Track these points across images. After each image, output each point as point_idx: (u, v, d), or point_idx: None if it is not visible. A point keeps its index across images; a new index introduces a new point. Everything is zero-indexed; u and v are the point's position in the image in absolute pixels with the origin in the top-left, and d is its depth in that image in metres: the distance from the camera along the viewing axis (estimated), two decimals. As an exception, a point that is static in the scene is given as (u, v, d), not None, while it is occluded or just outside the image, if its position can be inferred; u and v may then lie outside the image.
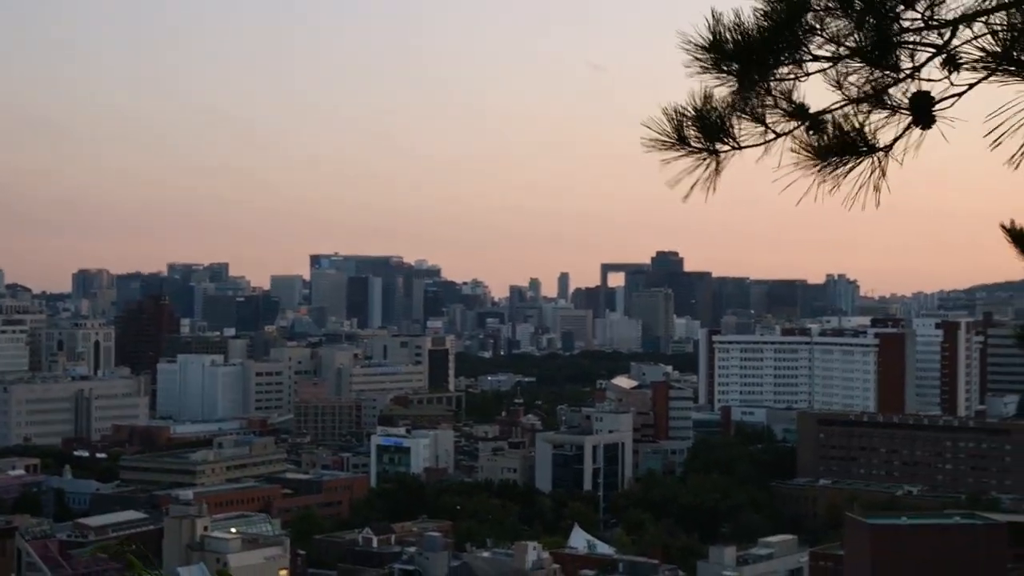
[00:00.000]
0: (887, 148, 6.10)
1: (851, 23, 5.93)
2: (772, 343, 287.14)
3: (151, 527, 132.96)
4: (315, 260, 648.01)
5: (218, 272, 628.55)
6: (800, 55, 6.03)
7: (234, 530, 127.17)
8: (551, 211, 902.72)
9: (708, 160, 6.15)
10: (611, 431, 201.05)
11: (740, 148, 6.21)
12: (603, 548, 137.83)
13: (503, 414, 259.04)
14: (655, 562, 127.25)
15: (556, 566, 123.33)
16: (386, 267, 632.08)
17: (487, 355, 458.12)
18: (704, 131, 6.08)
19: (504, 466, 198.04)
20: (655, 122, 6.03)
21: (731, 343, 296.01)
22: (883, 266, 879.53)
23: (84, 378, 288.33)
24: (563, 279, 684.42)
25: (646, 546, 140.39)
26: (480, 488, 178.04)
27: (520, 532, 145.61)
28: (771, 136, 6.21)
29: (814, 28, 5.96)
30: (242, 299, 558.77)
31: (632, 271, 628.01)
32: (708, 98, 6.04)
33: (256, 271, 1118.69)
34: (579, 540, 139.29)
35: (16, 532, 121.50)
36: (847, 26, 5.95)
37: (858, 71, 6.08)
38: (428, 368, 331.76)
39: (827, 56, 6.05)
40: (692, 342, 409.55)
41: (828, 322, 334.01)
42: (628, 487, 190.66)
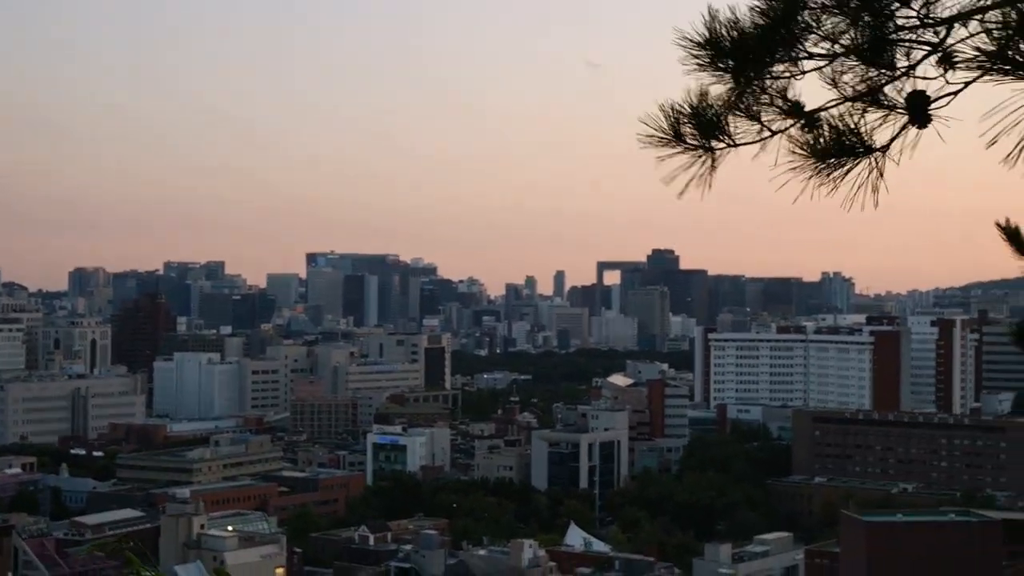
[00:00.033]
0: (884, 148, 6.10)
1: (846, 20, 5.95)
2: (768, 341, 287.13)
3: (147, 525, 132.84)
4: (311, 258, 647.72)
5: (214, 270, 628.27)
6: (796, 53, 6.04)
7: (230, 528, 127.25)
8: (547, 209, 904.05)
9: (704, 157, 6.15)
10: (607, 429, 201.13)
11: (736, 145, 6.22)
12: (599, 546, 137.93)
13: (499, 412, 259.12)
14: (651, 560, 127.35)
15: (552, 564, 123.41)
16: (382, 265, 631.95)
17: (483, 353, 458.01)
18: (700, 128, 6.09)
19: (500, 464, 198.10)
20: (651, 119, 6.07)
21: (727, 341, 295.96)
22: (878, 264, 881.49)
23: (80, 376, 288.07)
24: (559, 277, 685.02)
25: (642, 544, 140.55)
26: (476, 486, 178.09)
27: (516, 530, 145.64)
28: (766, 134, 6.20)
29: (810, 26, 5.98)
30: (238, 297, 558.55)
31: (628, 269, 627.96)
32: (704, 95, 6.07)
33: (252, 269, 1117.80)
34: (575, 538, 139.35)
35: (13, 531, 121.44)
36: (843, 23, 5.98)
37: (853, 69, 6.07)
38: (424, 366, 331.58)
39: (823, 54, 6.06)
40: (688, 340, 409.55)
41: (823, 320, 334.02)
42: (624, 485, 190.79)
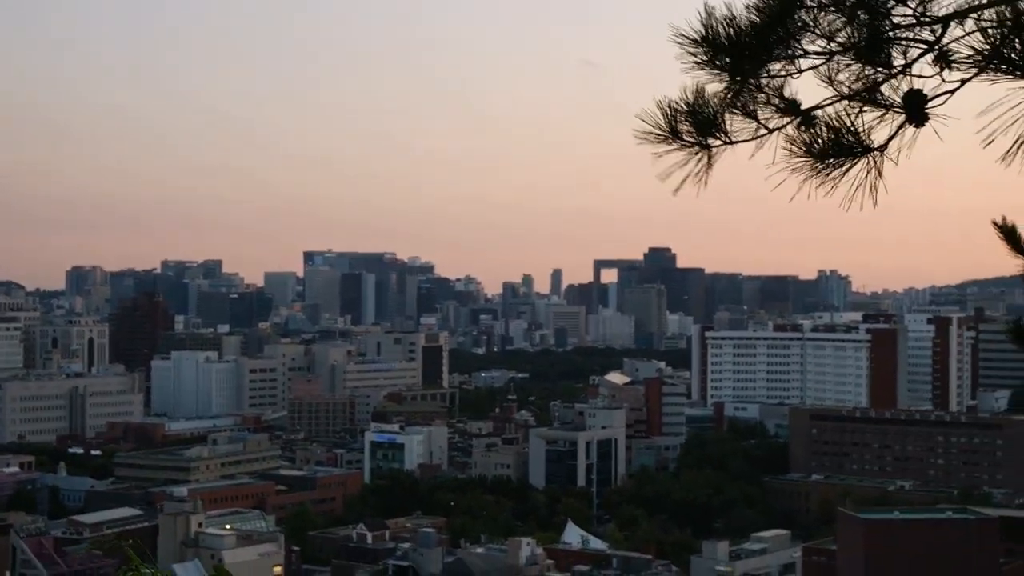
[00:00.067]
0: (882, 148, 6.11)
1: (843, 18, 6.01)
2: (764, 339, 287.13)
3: (146, 524, 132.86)
4: (308, 257, 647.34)
5: (212, 269, 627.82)
6: (792, 51, 6.09)
7: (228, 527, 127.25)
8: (544, 208, 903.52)
9: (700, 154, 6.18)
10: (604, 427, 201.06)
11: (732, 143, 6.25)
12: (597, 544, 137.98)
13: (496, 410, 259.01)
14: (648, 558, 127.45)
15: (550, 562, 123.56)
16: (379, 264, 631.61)
17: (480, 351, 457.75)
18: (696, 125, 6.13)
19: (498, 462, 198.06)
20: (649, 115, 6.14)
21: (724, 339, 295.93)
22: (875, 262, 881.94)
23: (78, 375, 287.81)
24: (556, 275, 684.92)
25: (639, 542, 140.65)
26: (474, 484, 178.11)
27: (514, 528, 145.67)
28: (763, 132, 6.20)
29: (807, 24, 6.04)
30: (236, 296, 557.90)
31: (625, 267, 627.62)
32: (701, 92, 6.12)
33: (250, 268, 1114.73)
34: (573, 536, 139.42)
35: (11, 529, 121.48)
36: (839, 21, 6.04)
37: (850, 67, 6.09)
38: (422, 365, 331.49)
39: (820, 52, 6.08)
40: (685, 338, 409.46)
41: (820, 318, 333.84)
42: (621, 483, 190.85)
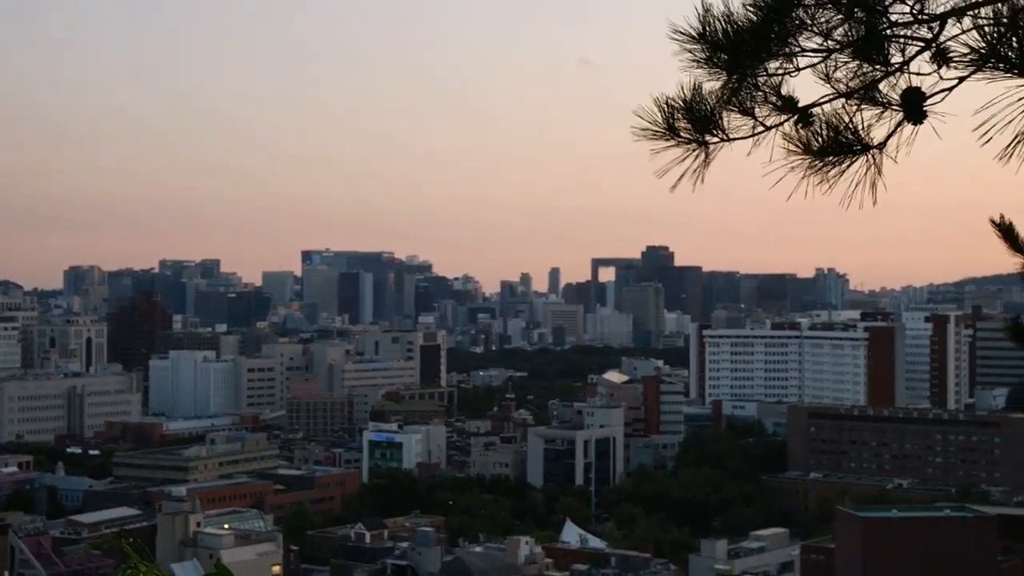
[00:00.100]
0: (881, 145, 6.11)
1: (840, 16, 6.03)
2: (762, 337, 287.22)
3: (144, 523, 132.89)
4: (306, 256, 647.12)
5: (210, 268, 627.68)
6: (790, 48, 6.12)
7: (227, 526, 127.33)
8: (542, 206, 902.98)
9: (697, 151, 6.20)
10: (602, 426, 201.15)
11: (729, 140, 6.28)
12: (595, 542, 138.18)
13: (495, 409, 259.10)
14: (647, 556, 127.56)
15: (548, 560, 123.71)
16: (377, 263, 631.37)
17: (478, 350, 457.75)
18: (694, 122, 6.17)
19: (496, 461, 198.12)
20: (646, 112, 6.18)
21: (721, 337, 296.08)
22: (872, 260, 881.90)
23: (76, 375, 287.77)
24: (554, 274, 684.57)
25: (638, 540, 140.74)
26: (472, 483, 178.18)
27: (512, 527, 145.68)
28: (760, 129, 6.20)
29: (804, 22, 6.07)
30: (234, 295, 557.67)
31: (623, 266, 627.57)
32: (698, 89, 6.16)
33: (248, 267, 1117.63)
34: (571, 534, 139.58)
35: (9, 529, 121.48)
36: (836, 18, 6.08)
37: (847, 64, 6.08)
38: (420, 364, 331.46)
39: (817, 49, 6.09)
40: (683, 336, 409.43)
41: (818, 316, 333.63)
42: (619, 481, 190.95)
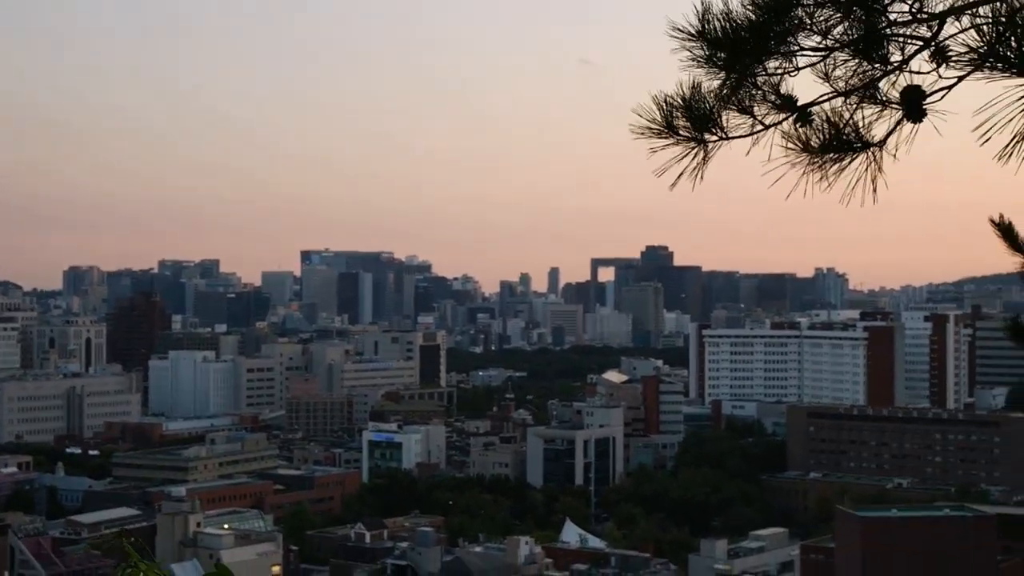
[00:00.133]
0: (881, 143, 6.13)
1: (839, 14, 6.04)
2: (762, 337, 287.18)
3: (144, 524, 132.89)
4: (305, 256, 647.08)
5: (209, 268, 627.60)
6: (789, 47, 6.10)
7: (226, 526, 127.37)
8: (542, 206, 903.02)
9: (696, 150, 6.21)
10: (602, 426, 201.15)
11: (728, 139, 6.28)
12: (595, 542, 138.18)
13: (494, 409, 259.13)
14: (646, 556, 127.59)
15: (548, 560, 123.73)
16: (376, 263, 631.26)
17: (478, 350, 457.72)
18: (693, 121, 6.17)
19: (495, 461, 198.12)
20: (645, 110, 6.19)
21: (721, 337, 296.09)
22: (872, 260, 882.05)
23: (76, 375, 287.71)
24: (553, 274, 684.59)
25: (637, 540, 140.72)
26: (472, 483, 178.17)
27: (512, 527, 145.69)
28: (759, 128, 6.22)
29: (803, 21, 6.09)
30: (233, 295, 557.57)
31: (622, 265, 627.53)
32: (697, 88, 6.17)
33: (247, 267, 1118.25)
34: (571, 534, 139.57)
35: (9, 530, 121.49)
36: (835, 17, 6.07)
37: (847, 63, 6.09)
38: (419, 364, 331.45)
39: (817, 48, 6.09)
40: (682, 336, 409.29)
41: (817, 316, 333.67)
42: (619, 481, 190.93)
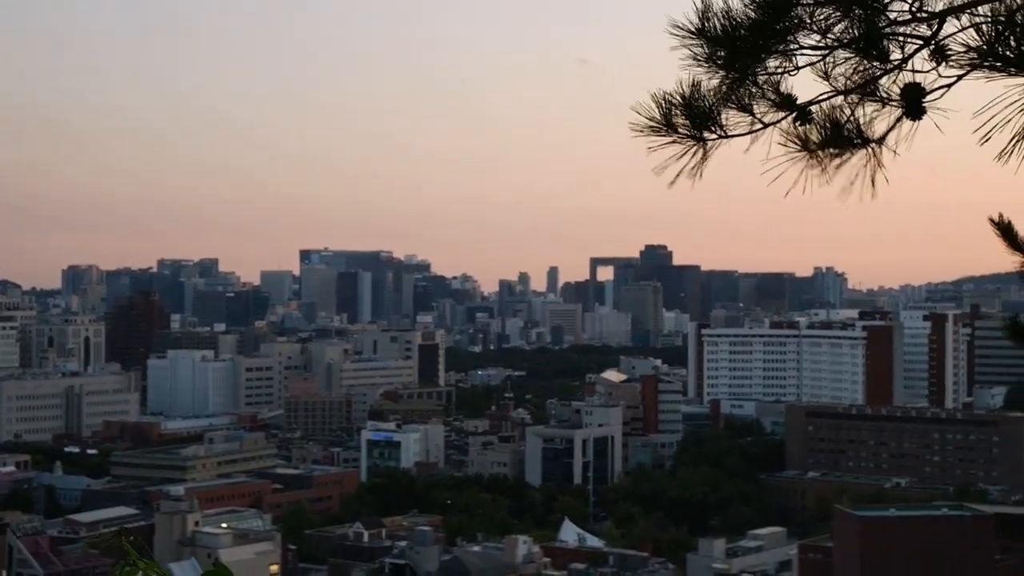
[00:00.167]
0: (881, 139, 6.13)
1: (839, 13, 5.99)
2: (761, 336, 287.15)
3: (142, 523, 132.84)
4: (304, 255, 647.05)
5: (208, 268, 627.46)
6: (789, 46, 6.08)
7: (225, 525, 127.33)
8: (541, 206, 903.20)
9: (695, 148, 6.19)
10: (601, 425, 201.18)
11: (727, 137, 6.25)
12: (593, 541, 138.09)
13: (493, 408, 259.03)
14: (645, 555, 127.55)
15: (546, 560, 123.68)
16: (375, 262, 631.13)
17: (477, 349, 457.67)
18: (692, 119, 6.15)
19: (494, 460, 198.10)
20: (644, 108, 6.15)
21: (720, 336, 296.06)
22: (871, 259, 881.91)
23: (74, 374, 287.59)
24: (552, 273, 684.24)
25: (636, 539, 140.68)
26: (470, 482, 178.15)
27: (510, 526, 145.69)
28: (758, 126, 6.22)
29: (803, 20, 6.02)
30: (232, 294, 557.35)
31: (621, 265, 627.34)
32: (697, 86, 6.13)
33: (246, 267, 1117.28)
34: (569, 534, 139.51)
35: (7, 529, 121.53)
36: (835, 16, 6.02)
37: (847, 62, 6.09)
38: (418, 363, 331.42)
39: (817, 46, 6.07)
40: (681, 336, 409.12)
41: (816, 315, 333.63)
42: (618, 480, 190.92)
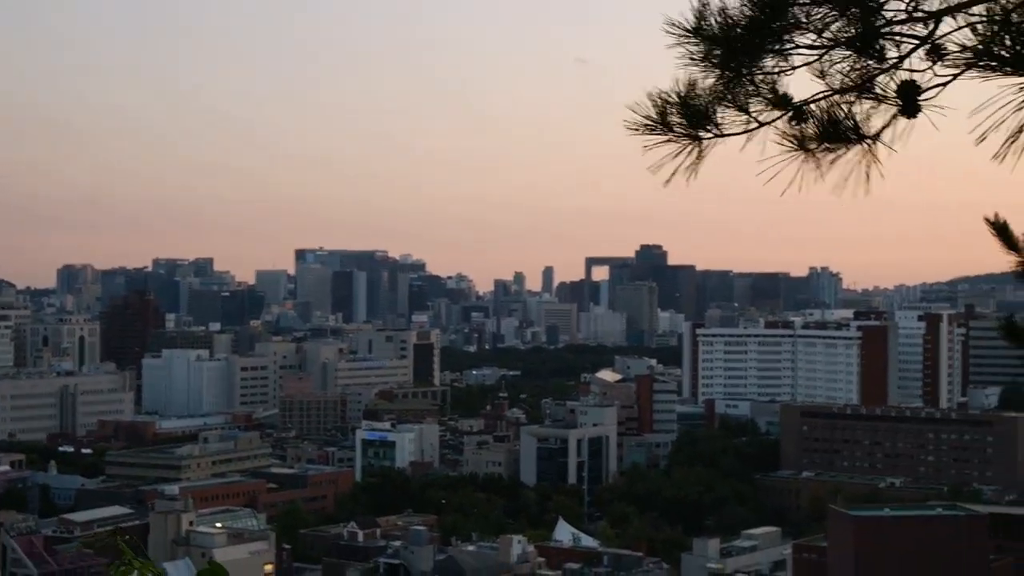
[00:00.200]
0: (875, 136, 6.13)
1: (835, 12, 5.99)
2: (755, 336, 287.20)
3: (136, 522, 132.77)
4: (300, 255, 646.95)
5: (203, 267, 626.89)
6: (785, 45, 6.09)
7: (219, 525, 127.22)
8: (535, 205, 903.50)
9: (690, 147, 6.19)
10: (595, 424, 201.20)
11: (723, 136, 6.24)
12: (588, 541, 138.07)
13: (488, 408, 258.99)
14: (639, 555, 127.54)
15: (541, 559, 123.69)
16: (371, 261, 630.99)
17: (472, 349, 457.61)
18: (688, 117, 6.15)
19: (489, 460, 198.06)
20: (640, 106, 6.14)
21: (715, 336, 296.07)
22: (866, 259, 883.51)
23: (69, 373, 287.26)
24: (547, 273, 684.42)
25: (630, 539, 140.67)
26: (465, 482, 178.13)
27: (505, 525, 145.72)
28: (754, 125, 6.22)
29: (799, 20, 6.02)
30: (227, 294, 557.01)
31: (616, 265, 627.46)
32: (693, 85, 6.13)
33: (241, 266, 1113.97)
34: (564, 533, 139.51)
35: (1, 528, 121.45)
36: (831, 15, 6.01)
37: (844, 61, 6.09)
38: (413, 362, 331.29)
39: (813, 45, 6.07)
40: (676, 335, 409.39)
41: (811, 315, 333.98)
42: (612, 480, 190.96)
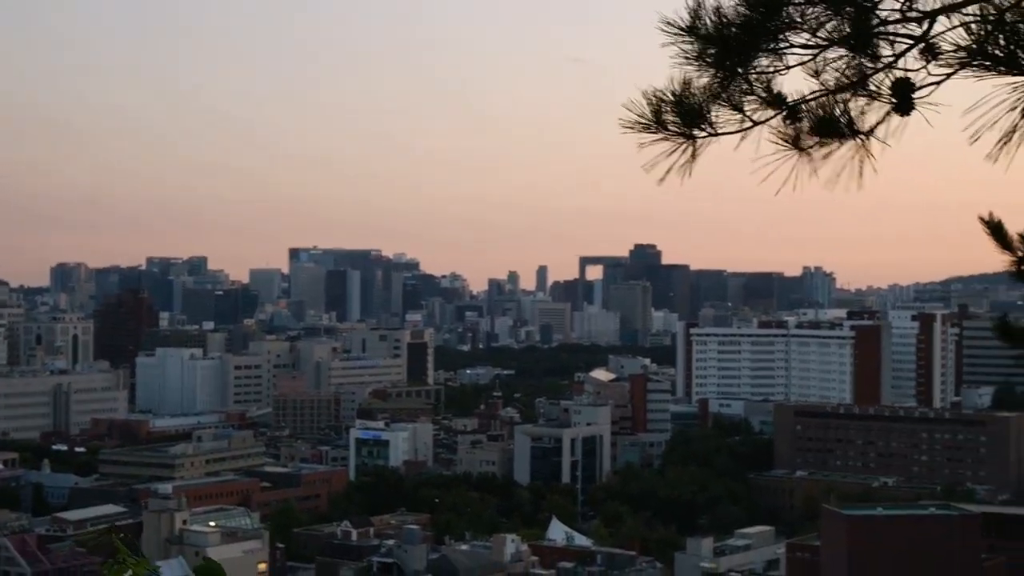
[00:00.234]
0: (870, 132, 6.15)
1: (829, 12, 6.01)
2: (749, 335, 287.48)
3: (130, 521, 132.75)
4: (294, 253, 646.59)
5: (197, 266, 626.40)
6: (780, 44, 6.11)
7: (213, 524, 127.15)
8: (529, 204, 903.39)
9: (685, 145, 6.22)
10: (589, 424, 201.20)
11: (717, 135, 6.26)
12: (581, 540, 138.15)
13: (482, 407, 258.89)
14: (633, 554, 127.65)
15: (534, 558, 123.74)
16: (365, 260, 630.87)
17: (466, 348, 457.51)
18: (682, 116, 6.17)
19: (483, 459, 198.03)
20: (634, 105, 6.16)
21: (708, 336, 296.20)
22: (859, 259, 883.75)
23: (62, 372, 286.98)
24: (541, 272, 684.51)
25: (624, 538, 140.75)
26: (459, 481, 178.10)
27: (499, 525, 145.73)
28: (748, 124, 6.24)
29: (794, 20, 6.04)
30: (221, 293, 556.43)
31: (610, 264, 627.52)
32: (687, 84, 6.15)
33: (235, 265, 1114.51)
34: (557, 532, 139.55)
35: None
36: (826, 15, 6.03)
37: (839, 60, 6.11)
38: (407, 361, 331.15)
39: (808, 45, 6.09)
40: (670, 335, 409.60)
41: (804, 315, 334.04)
42: (606, 480, 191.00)
